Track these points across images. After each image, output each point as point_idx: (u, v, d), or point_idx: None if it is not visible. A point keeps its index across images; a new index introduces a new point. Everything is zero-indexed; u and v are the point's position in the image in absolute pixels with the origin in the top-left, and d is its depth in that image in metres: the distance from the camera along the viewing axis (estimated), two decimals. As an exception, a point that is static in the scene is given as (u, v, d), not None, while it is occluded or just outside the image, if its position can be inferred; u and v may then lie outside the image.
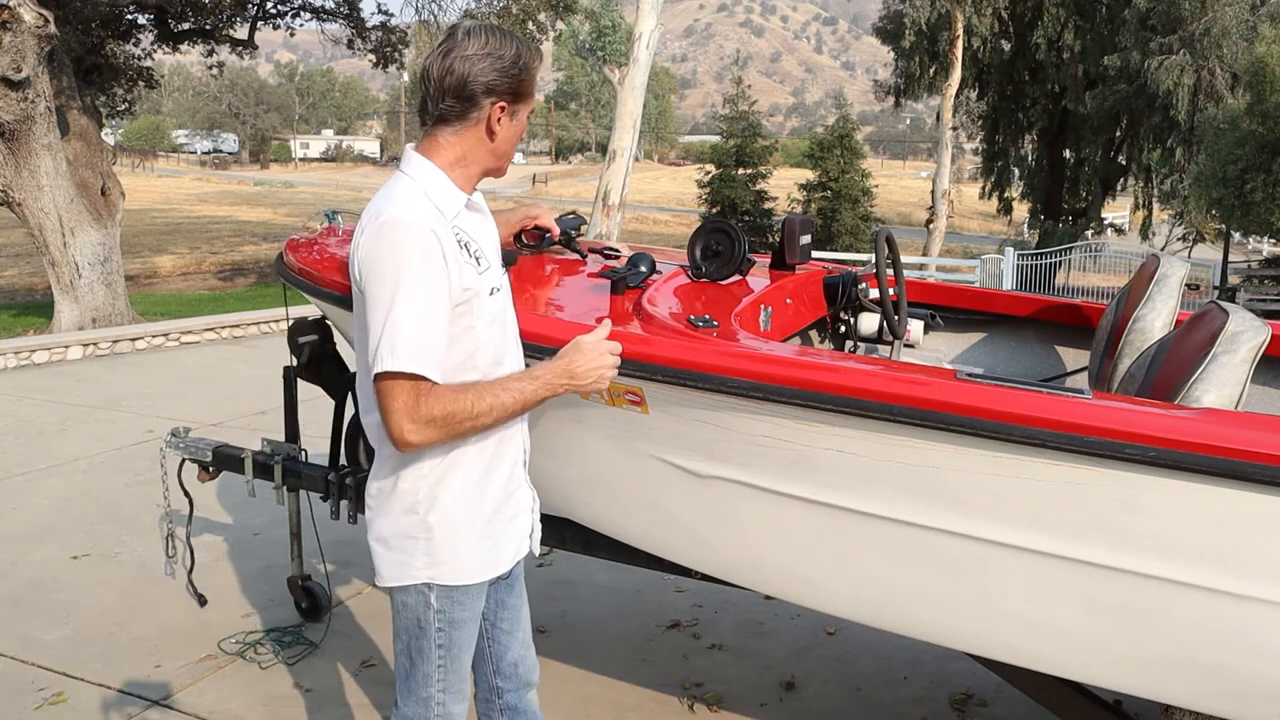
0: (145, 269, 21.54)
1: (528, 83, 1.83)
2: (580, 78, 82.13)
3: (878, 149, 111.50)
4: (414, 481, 1.85)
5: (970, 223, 43.67)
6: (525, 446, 2.03)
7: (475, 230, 1.87)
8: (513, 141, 1.87)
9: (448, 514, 1.86)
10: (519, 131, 1.87)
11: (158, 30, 13.68)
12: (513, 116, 1.83)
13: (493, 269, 1.88)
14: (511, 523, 1.99)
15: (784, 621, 3.81)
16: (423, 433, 1.72)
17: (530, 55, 1.82)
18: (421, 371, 1.70)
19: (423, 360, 1.70)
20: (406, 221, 1.72)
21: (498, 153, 1.86)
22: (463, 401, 1.74)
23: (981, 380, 2.04)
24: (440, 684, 1.95)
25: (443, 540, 1.86)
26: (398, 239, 1.71)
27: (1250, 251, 30.85)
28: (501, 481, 1.93)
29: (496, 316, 1.88)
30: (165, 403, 7.32)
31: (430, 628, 1.91)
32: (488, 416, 1.77)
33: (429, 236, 1.71)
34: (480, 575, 1.92)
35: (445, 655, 1.94)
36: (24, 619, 3.78)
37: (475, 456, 1.87)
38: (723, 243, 3.01)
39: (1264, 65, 15.11)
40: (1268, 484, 1.82)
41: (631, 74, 13.12)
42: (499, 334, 1.89)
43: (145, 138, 77.44)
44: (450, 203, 1.80)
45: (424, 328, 1.71)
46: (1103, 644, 2.12)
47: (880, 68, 47.93)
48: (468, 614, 1.93)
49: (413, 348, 1.69)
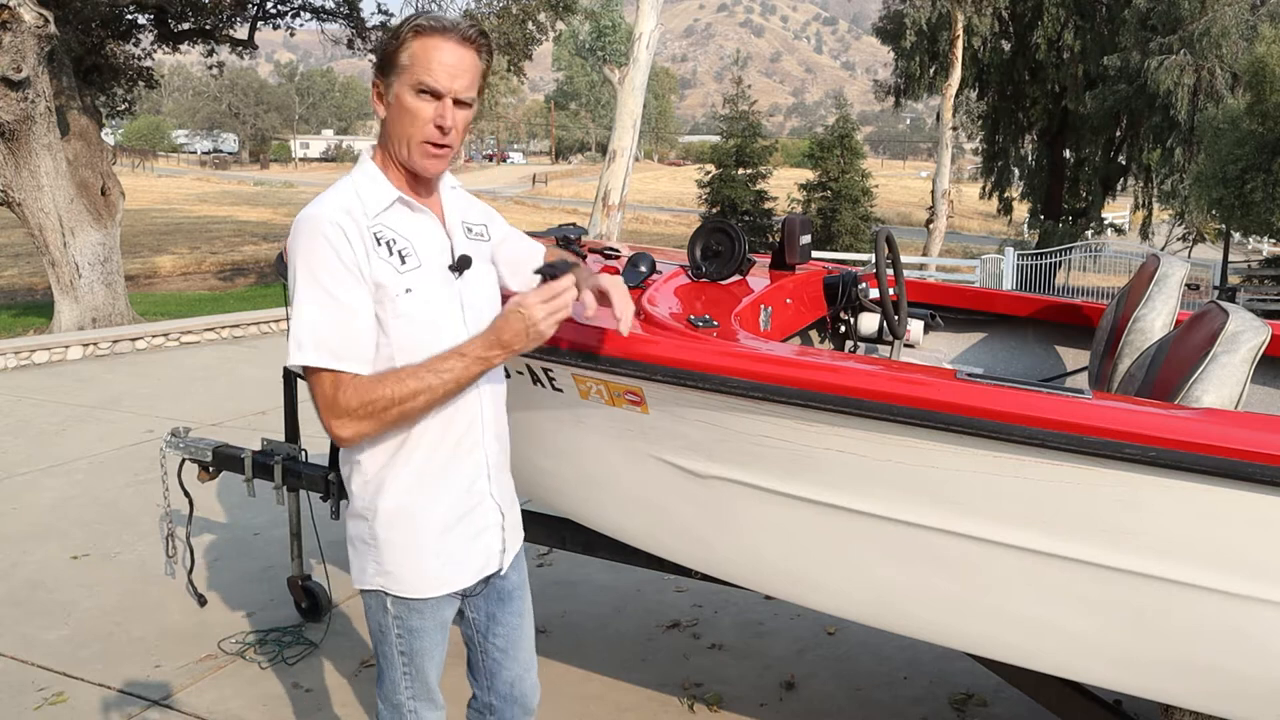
0: (145, 269, 21.52)
1: (391, 53, 1.70)
2: (580, 78, 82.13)
3: (878, 149, 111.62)
4: (360, 486, 1.83)
5: (970, 223, 43.65)
6: (490, 461, 1.90)
7: (407, 229, 1.77)
8: (398, 124, 1.71)
9: (390, 525, 1.81)
10: (402, 112, 1.71)
11: (158, 30, 13.69)
12: (387, 93, 1.72)
13: (421, 270, 1.75)
14: (474, 540, 1.89)
15: (784, 621, 3.81)
16: (349, 425, 1.68)
17: (404, 24, 1.71)
18: (328, 364, 1.66)
19: (329, 351, 1.67)
20: (312, 215, 1.70)
21: (394, 138, 1.74)
22: (381, 389, 1.67)
23: (981, 380, 2.04)
24: (409, 691, 1.92)
25: (388, 550, 1.82)
26: (301, 233, 1.70)
27: (1250, 251, 30.81)
28: (455, 499, 1.84)
29: (416, 319, 1.74)
30: (165, 403, 7.33)
31: (390, 634, 1.88)
32: (414, 400, 1.69)
33: (330, 228, 1.67)
34: (431, 590, 1.85)
35: (409, 664, 1.90)
36: (24, 619, 3.78)
37: (423, 466, 1.80)
38: (723, 243, 3.01)
39: (1264, 65, 15.10)
40: (1268, 484, 1.82)
41: (631, 74, 13.13)
42: (426, 339, 1.74)
43: (145, 138, 77.45)
44: (376, 198, 1.75)
45: (328, 319, 1.67)
46: (1103, 644, 2.12)
47: (880, 68, 47.94)
48: (427, 623, 1.88)
49: (316, 340, 1.66)
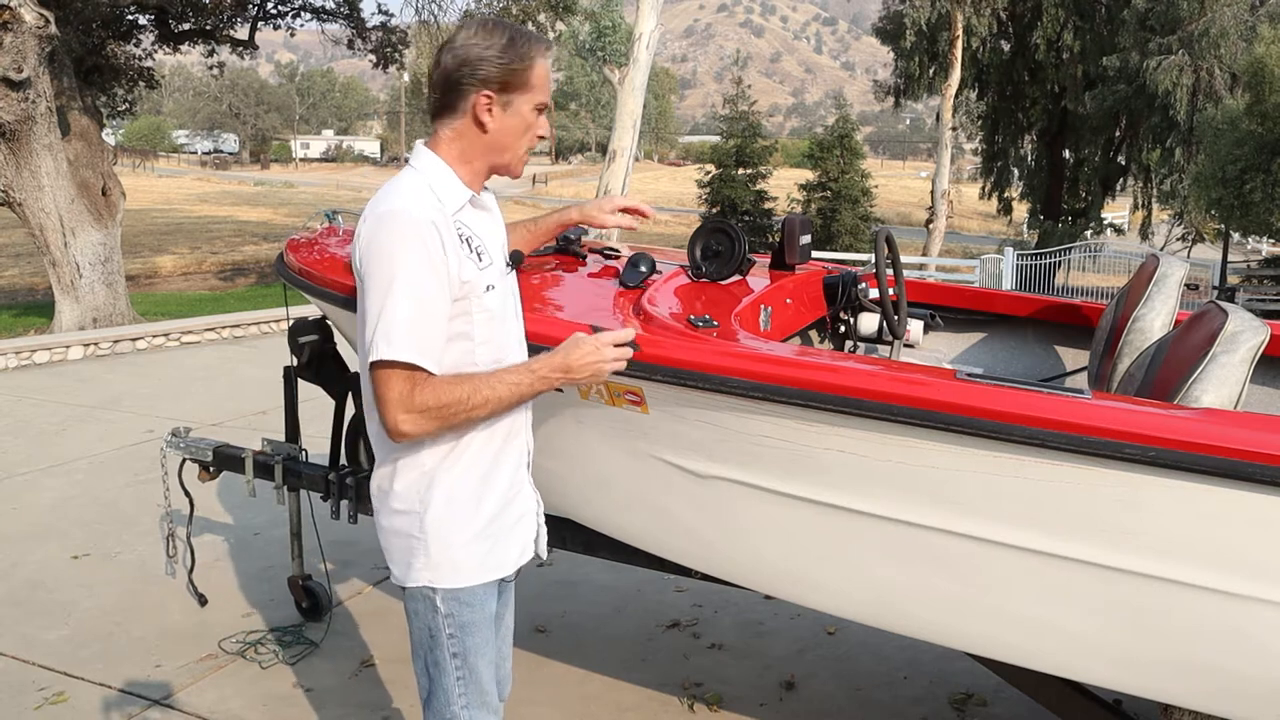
0: (146, 269, 21.54)
1: (519, 72, 1.77)
2: (580, 78, 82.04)
3: (878, 149, 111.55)
4: (408, 483, 1.83)
5: (970, 223, 43.64)
6: (529, 449, 2.00)
7: (479, 227, 1.85)
8: (512, 135, 1.82)
9: (443, 515, 1.83)
10: (521, 125, 1.81)
11: (158, 30, 13.70)
12: (504, 108, 1.79)
13: (494, 266, 1.85)
14: (515, 526, 1.95)
15: (784, 621, 3.81)
16: (417, 423, 1.70)
17: (528, 45, 1.78)
18: (417, 361, 1.68)
19: (418, 349, 1.69)
20: (406, 212, 1.71)
21: (495, 146, 1.82)
22: (458, 392, 1.71)
23: (981, 380, 2.04)
24: (462, 698, 1.90)
25: (437, 541, 1.83)
26: (396, 229, 1.70)
27: (1249, 251, 30.81)
28: (504, 486, 1.90)
29: (495, 314, 1.84)
30: (166, 403, 7.33)
31: (441, 635, 1.87)
32: (483, 409, 1.74)
33: (428, 228, 1.70)
34: (481, 576, 1.87)
35: (462, 665, 1.89)
36: (24, 619, 3.78)
37: (476, 457, 1.84)
38: (723, 243, 3.01)
39: (1263, 65, 15.11)
40: (1267, 484, 1.82)
41: (631, 74, 13.14)
42: (498, 332, 1.86)
43: (146, 138, 77.50)
44: (453, 197, 1.79)
45: (421, 317, 1.69)
46: (1102, 643, 2.12)
47: (880, 68, 47.93)
48: (478, 616, 1.88)
49: (409, 337, 1.68)
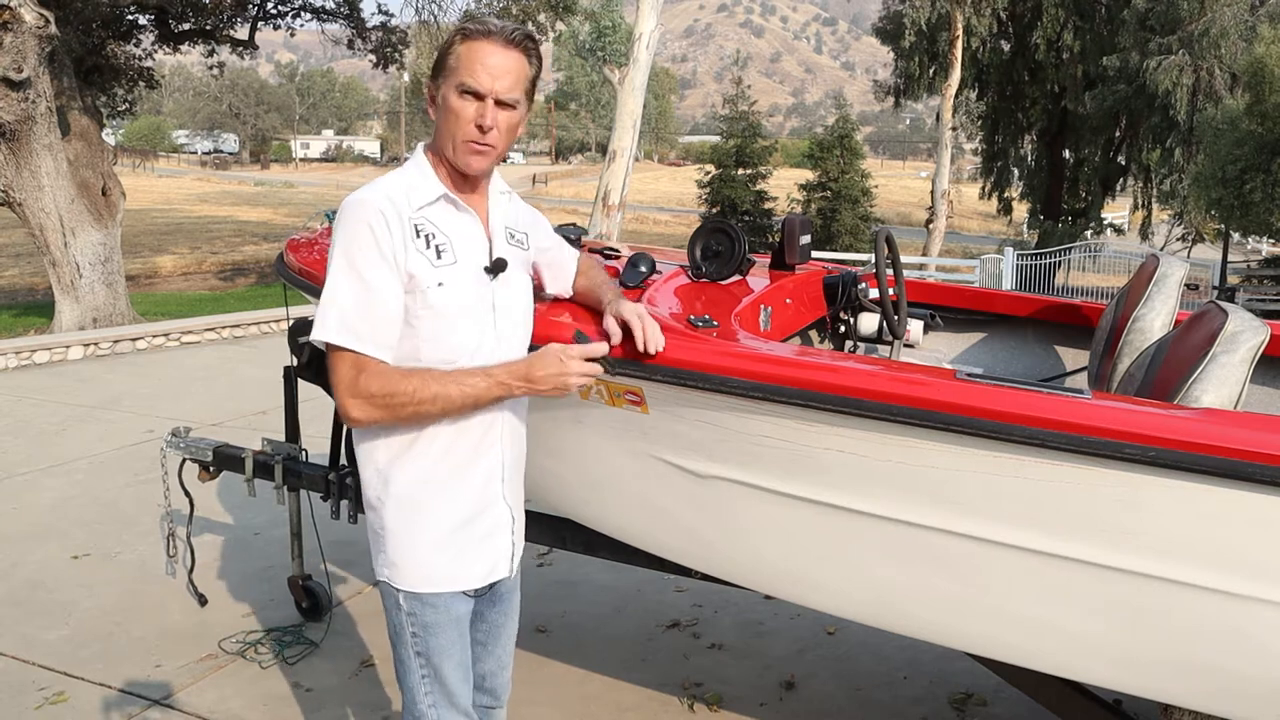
0: (146, 269, 21.54)
1: (443, 56, 1.75)
2: (580, 78, 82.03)
3: (878, 149, 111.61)
4: (371, 475, 1.84)
5: (970, 223, 43.66)
6: (505, 462, 1.91)
7: (449, 226, 1.80)
8: (446, 123, 1.75)
9: (400, 516, 1.82)
10: (456, 116, 1.73)
11: (158, 30, 13.70)
12: (440, 97, 1.76)
13: (456, 266, 1.77)
14: (484, 541, 1.89)
15: (784, 621, 3.81)
16: (363, 409, 1.70)
17: (468, 30, 1.74)
18: (352, 345, 1.69)
19: (354, 333, 1.69)
20: (361, 201, 1.73)
21: (440, 138, 1.79)
22: (405, 384, 1.70)
23: (981, 380, 2.04)
24: (429, 697, 1.88)
25: (393, 542, 1.82)
26: (348, 215, 1.73)
27: (1249, 251, 30.82)
28: (470, 498, 1.85)
29: (442, 313, 1.76)
30: (165, 403, 7.33)
31: (405, 632, 1.87)
32: (431, 405, 1.71)
33: (375, 214, 1.71)
34: (441, 585, 1.84)
35: (426, 664, 1.87)
36: (24, 619, 3.78)
37: (434, 464, 1.81)
38: (723, 243, 3.00)
39: (1263, 65, 15.11)
40: (1267, 484, 1.82)
41: (631, 74, 13.13)
42: (446, 332, 1.77)
43: (146, 138, 77.51)
44: (421, 192, 1.79)
45: (364, 303, 1.69)
46: (1102, 644, 2.12)
47: (880, 68, 47.91)
48: (442, 618, 1.85)
49: (342, 320, 1.69)
